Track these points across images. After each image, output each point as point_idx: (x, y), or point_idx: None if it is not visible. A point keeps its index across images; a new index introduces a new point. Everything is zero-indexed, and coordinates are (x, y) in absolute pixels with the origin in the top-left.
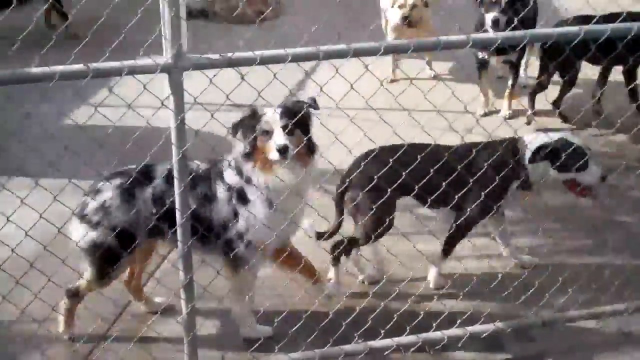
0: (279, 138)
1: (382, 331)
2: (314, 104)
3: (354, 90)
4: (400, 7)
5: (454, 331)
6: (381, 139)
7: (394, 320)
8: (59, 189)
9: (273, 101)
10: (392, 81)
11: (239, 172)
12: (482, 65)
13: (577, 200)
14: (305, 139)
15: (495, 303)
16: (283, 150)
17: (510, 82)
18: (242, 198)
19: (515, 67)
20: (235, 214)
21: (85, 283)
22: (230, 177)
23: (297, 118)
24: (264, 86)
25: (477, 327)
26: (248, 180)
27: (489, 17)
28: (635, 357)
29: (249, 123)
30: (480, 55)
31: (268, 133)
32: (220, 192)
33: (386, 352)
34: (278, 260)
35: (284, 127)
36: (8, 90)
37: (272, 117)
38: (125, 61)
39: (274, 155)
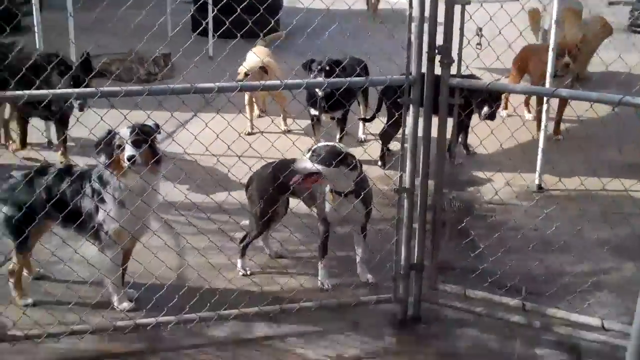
0: (129, 150)
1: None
2: (157, 128)
3: (220, 140)
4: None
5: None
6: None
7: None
8: None
9: None
10: (249, 133)
11: (100, 178)
12: (315, 120)
13: None
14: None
15: None
16: (131, 159)
17: (338, 136)
18: (101, 198)
19: (342, 123)
20: (97, 209)
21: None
22: (95, 180)
23: (144, 135)
24: None
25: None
26: (106, 184)
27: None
28: None
29: (108, 140)
30: (313, 112)
31: (120, 147)
32: (88, 191)
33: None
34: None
35: (133, 142)
36: None
37: (124, 134)
38: None
39: (124, 163)
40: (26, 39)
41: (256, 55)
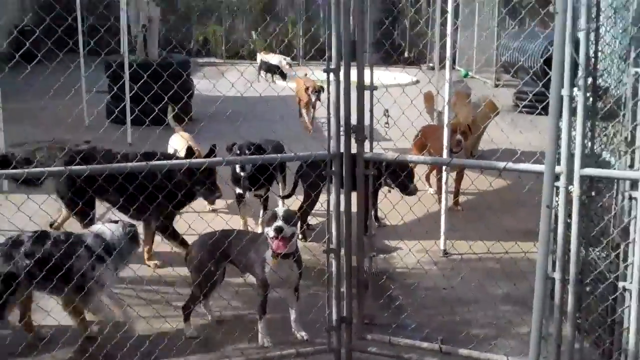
0: None
1: None
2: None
3: None
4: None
5: None
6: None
7: None
8: None
9: None
10: None
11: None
12: (240, 198)
13: None
14: None
15: None
16: None
17: (261, 212)
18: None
19: (265, 200)
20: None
21: None
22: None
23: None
24: None
25: None
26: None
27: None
28: None
29: None
30: (238, 190)
31: None
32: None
33: None
34: None
35: None
36: None
37: None
38: None
39: None
40: None
41: (182, 138)
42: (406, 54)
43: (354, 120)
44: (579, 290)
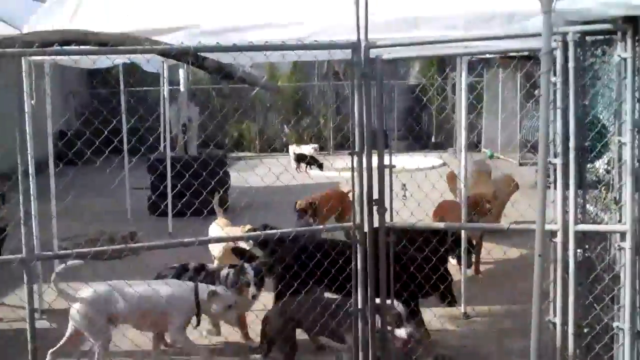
0: None
1: None
2: None
3: None
4: None
5: None
6: None
7: None
8: None
9: None
10: None
11: None
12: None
13: None
14: None
15: None
16: None
17: None
18: None
19: None
20: None
21: None
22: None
23: None
24: None
25: None
26: None
27: None
28: None
29: None
30: None
31: None
32: None
33: None
34: None
35: None
36: None
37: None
38: None
39: None
40: None
41: (219, 227)
42: (433, 139)
43: (375, 194)
44: (577, 333)
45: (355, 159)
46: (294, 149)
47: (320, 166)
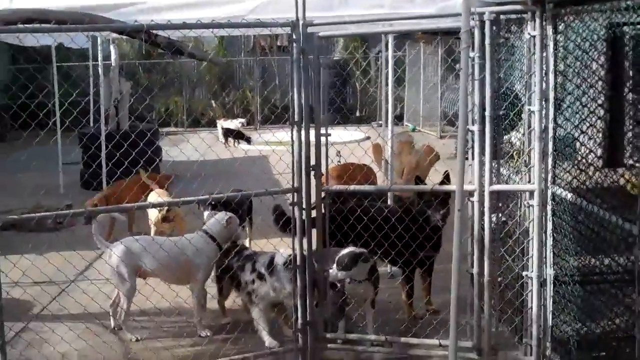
0: None
1: None
2: None
3: None
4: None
5: None
6: None
7: None
8: None
9: None
10: None
11: None
12: None
13: None
14: None
15: None
16: None
17: None
18: None
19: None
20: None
21: None
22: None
23: None
24: None
25: None
26: None
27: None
28: None
29: None
30: None
31: None
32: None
33: None
34: None
35: None
36: None
37: None
38: None
39: None
40: None
41: (158, 196)
42: (357, 114)
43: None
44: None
45: (295, 128)
46: (222, 123)
47: (248, 140)
